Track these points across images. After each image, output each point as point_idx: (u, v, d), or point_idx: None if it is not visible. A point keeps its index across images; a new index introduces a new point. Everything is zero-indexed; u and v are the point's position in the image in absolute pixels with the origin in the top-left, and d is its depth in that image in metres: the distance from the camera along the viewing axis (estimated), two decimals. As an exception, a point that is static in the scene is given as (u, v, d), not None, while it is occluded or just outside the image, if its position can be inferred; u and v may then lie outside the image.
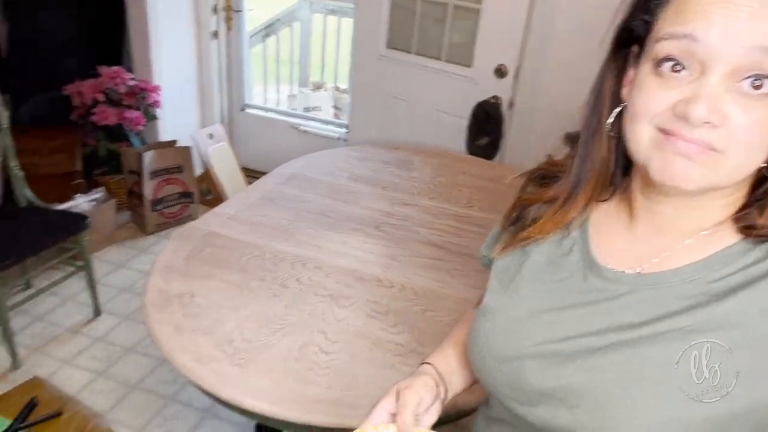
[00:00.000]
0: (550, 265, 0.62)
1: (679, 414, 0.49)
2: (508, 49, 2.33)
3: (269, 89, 3.72)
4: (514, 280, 0.63)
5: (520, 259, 0.64)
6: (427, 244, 1.64)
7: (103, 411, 1.84)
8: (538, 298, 0.60)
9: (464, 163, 2.24)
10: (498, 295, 0.64)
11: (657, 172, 0.50)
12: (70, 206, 2.43)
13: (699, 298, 0.51)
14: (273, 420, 1.10)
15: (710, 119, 0.46)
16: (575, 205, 0.61)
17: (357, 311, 1.35)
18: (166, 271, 1.43)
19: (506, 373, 0.59)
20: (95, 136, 2.74)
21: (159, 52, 2.80)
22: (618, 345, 0.52)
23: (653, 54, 0.50)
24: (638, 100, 0.51)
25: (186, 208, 2.88)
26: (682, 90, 0.48)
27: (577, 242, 0.62)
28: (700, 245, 0.54)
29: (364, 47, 2.69)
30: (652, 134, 0.50)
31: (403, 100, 2.67)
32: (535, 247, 0.64)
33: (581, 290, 0.58)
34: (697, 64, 0.47)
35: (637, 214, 0.58)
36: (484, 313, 0.64)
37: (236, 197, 1.86)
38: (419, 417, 0.61)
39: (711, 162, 0.48)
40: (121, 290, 2.40)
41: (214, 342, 1.22)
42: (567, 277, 0.60)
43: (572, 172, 0.61)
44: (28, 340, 2.10)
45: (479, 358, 0.62)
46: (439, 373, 0.68)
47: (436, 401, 0.64)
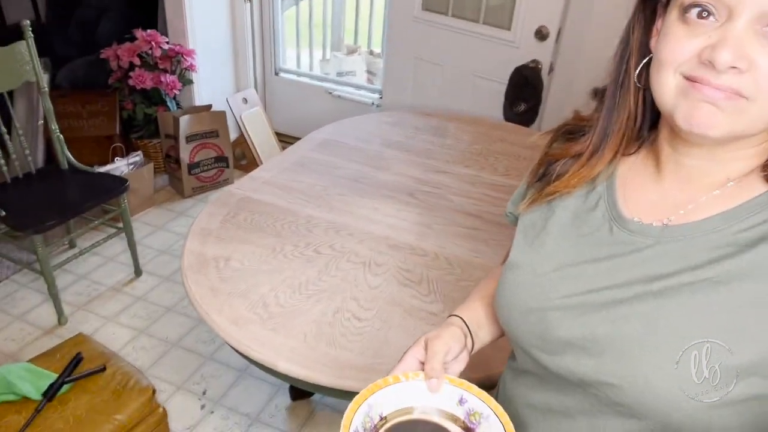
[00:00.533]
0: (575, 219, 0.62)
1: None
2: (550, 9, 2.23)
3: (302, 53, 3.68)
4: (539, 235, 0.64)
5: (546, 214, 0.64)
6: (462, 213, 1.62)
7: (144, 367, 1.91)
8: (564, 252, 0.61)
9: (501, 131, 2.18)
10: (524, 250, 0.65)
11: (683, 120, 0.50)
12: (110, 169, 2.48)
13: (725, 249, 0.51)
14: (305, 383, 1.13)
15: (736, 64, 0.46)
16: (602, 159, 0.61)
17: (390, 279, 1.35)
18: (203, 235, 1.45)
19: (532, 324, 0.60)
20: (132, 100, 2.77)
21: (193, 15, 2.79)
22: (643, 296, 0.53)
23: (680, 1, 0.50)
24: (664, 48, 0.51)
25: (222, 172, 2.92)
26: (708, 36, 0.47)
27: (603, 196, 0.61)
28: (727, 196, 0.53)
29: (398, 9, 2.62)
30: (678, 82, 0.50)
31: (438, 65, 2.60)
32: (560, 202, 0.64)
33: (607, 243, 0.58)
34: (723, 10, 0.47)
35: (664, 167, 0.58)
36: (510, 267, 0.65)
37: (271, 162, 1.86)
38: (447, 365, 0.63)
39: (737, 109, 0.47)
40: (160, 252, 2.47)
41: (249, 305, 1.24)
42: (593, 231, 0.60)
43: (599, 126, 0.61)
44: (72, 298, 2.19)
45: (506, 311, 0.64)
46: (467, 325, 0.70)
47: (463, 351, 0.66)
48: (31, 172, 2.13)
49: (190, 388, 1.86)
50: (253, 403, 1.82)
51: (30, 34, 1.99)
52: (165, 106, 2.79)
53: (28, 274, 2.27)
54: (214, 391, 1.85)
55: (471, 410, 0.59)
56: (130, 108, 2.79)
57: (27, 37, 1.98)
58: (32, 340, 2.00)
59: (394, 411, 0.60)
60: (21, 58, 2.00)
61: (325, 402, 1.83)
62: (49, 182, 2.16)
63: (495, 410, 0.58)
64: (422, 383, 0.61)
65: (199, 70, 2.87)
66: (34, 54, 2.02)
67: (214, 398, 1.83)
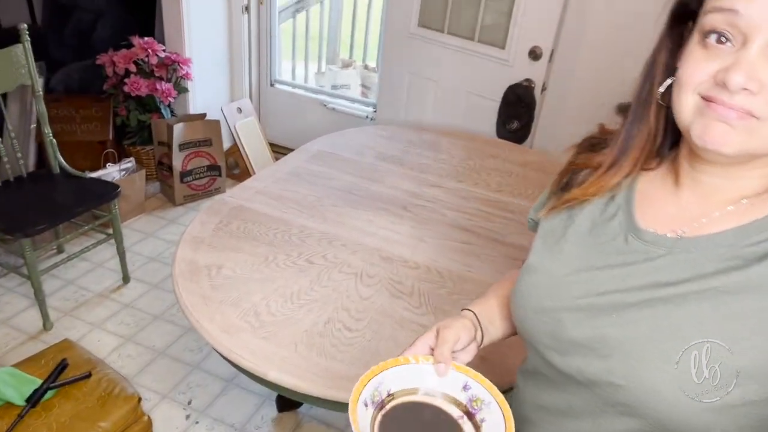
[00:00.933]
0: (593, 228, 0.65)
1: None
2: (544, 30, 2.27)
3: (298, 65, 3.71)
4: (558, 242, 0.67)
5: (566, 222, 0.68)
6: (454, 227, 1.63)
7: (130, 375, 1.89)
8: (579, 258, 0.64)
9: (494, 147, 2.21)
10: (542, 255, 0.68)
11: (698, 137, 0.53)
12: (102, 175, 2.47)
13: (733, 262, 0.53)
14: (295, 393, 1.12)
15: (748, 86, 0.49)
16: (620, 170, 0.64)
17: (382, 290, 1.35)
18: (195, 243, 1.45)
19: (545, 324, 0.63)
20: (126, 107, 2.77)
21: (190, 24, 2.80)
22: (652, 301, 0.56)
23: (701, 27, 0.53)
24: (685, 69, 0.55)
25: (214, 181, 2.91)
26: (724, 60, 0.51)
27: (621, 207, 0.64)
28: (740, 213, 0.56)
29: (394, 25, 2.65)
30: (695, 101, 0.53)
31: (432, 81, 2.63)
32: (579, 211, 0.67)
33: (622, 251, 0.61)
34: (739, 36, 0.50)
35: (683, 182, 0.61)
36: (527, 270, 0.69)
37: (265, 172, 1.87)
38: (456, 354, 0.67)
39: (749, 128, 0.50)
40: (150, 259, 2.45)
41: (240, 313, 1.23)
42: (609, 240, 0.63)
43: (620, 139, 0.64)
44: (59, 303, 2.16)
45: (521, 310, 0.67)
46: (478, 320, 0.74)
47: (472, 343, 0.70)
48: (22, 175, 2.12)
49: (175, 397, 1.84)
50: (240, 413, 1.80)
51: (27, 38, 1.99)
52: (159, 113, 2.79)
53: (14, 278, 2.24)
54: (200, 401, 1.83)
55: (474, 396, 0.63)
56: (123, 114, 2.78)
57: (24, 40, 1.98)
58: (17, 345, 1.97)
59: (401, 389, 0.64)
60: (17, 61, 2.00)
61: (311, 414, 1.81)
62: (40, 186, 2.14)
63: (496, 398, 0.62)
64: (430, 367, 0.65)
65: (194, 78, 2.88)
66: (30, 58, 2.02)
67: (199, 408, 1.81)
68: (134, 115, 2.77)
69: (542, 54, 2.30)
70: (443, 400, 0.65)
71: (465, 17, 2.44)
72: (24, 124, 2.61)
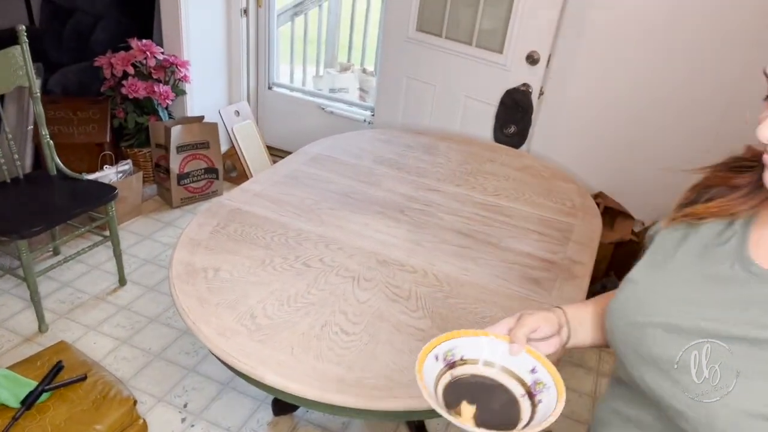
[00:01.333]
0: (704, 251, 0.64)
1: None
2: (542, 35, 2.28)
3: (296, 69, 3.71)
4: (665, 260, 0.67)
5: (679, 242, 0.67)
6: (451, 231, 1.64)
7: (125, 378, 1.88)
8: (681, 278, 0.64)
9: (491, 151, 2.21)
10: (645, 271, 0.69)
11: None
12: (99, 177, 2.47)
13: None
14: (291, 396, 1.12)
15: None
16: (749, 200, 0.62)
17: (379, 294, 1.35)
18: (192, 245, 1.45)
19: (632, 336, 0.64)
20: (124, 109, 2.77)
21: (189, 27, 2.81)
22: (740, 339, 0.54)
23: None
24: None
25: (211, 183, 2.91)
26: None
27: (737, 234, 0.63)
28: None
29: (393, 29, 2.66)
30: None
31: (430, 85, 2.64)
32: (695, 233, 0.66)
33: (723, 277, 0.60)
34: None
35: None
36: (627, 282, 0.70)
37: (262, 175, 1.87)
38: (536, 343, 0.72)
39: None
40: (146, 261, 2.45)
41: (237, 316, 1.23)
42: (715, 264, 0.62)
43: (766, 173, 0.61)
44: (54, 306, 2.16)
45: (613, 320, 0.68)
46: (567, 319, 0.77)
47: (554, 337, 0.74)
48: (18, 176, 2.11)
49: (171, 400, 1.83)
50: (235, 417, 1.79)
51: (25, 39, 1.99)
52: (157, 115, 2.79)
53: (10, 280, 2.23)
54: (195, 404, 1.82)
55: (538, 379, 0.69)
56: (121, 116, 2.78)
57: (22, 42, 1.98)
58: (12, 347, 1.96)
59: (473, 358, 0.72)
60: (15, 63, 2.00)
61: (307, 418, 1.81)
62: (36, 188, 2.14)
63: (557, 384, 0.67)
64: (506, 346, 0.72)
65: (192, 81, 2.88)
66: (28, 59, 2.02)
67: (195, 411, 1.80)
68: (132, 118, 2.77)
69: (539, 59, 2.31)
70: (509, 377, 0.71)
71: (463, 22, 2.46)
72: (21, 125, 2.60)
